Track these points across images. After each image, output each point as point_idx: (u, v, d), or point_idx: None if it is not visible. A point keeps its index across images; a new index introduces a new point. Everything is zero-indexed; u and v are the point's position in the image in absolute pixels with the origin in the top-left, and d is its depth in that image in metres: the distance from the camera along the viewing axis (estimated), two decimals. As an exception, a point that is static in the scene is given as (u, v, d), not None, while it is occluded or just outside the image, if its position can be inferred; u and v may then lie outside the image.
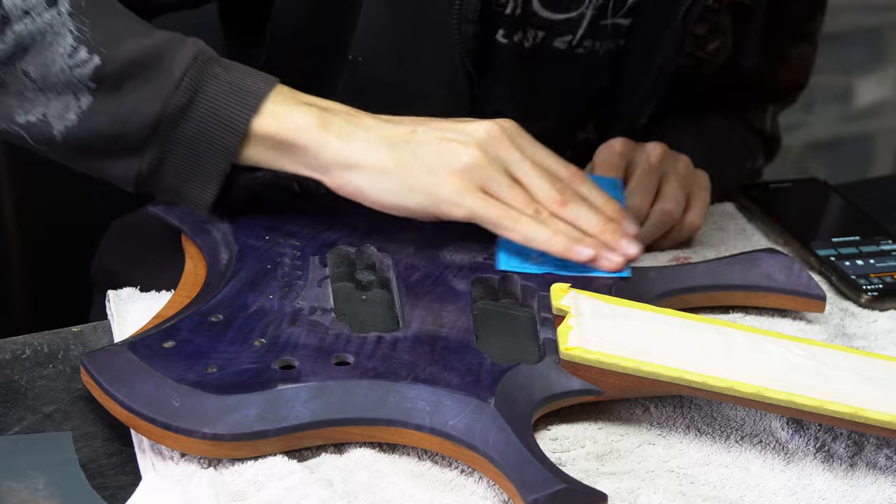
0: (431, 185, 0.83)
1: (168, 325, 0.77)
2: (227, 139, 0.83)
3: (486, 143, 0.84)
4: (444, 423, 0.72)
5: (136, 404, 0.72)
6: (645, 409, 0.80)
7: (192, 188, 0.85)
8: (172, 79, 0.82)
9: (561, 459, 0.75)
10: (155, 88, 0.82)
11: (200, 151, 0.83)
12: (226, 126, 0.83)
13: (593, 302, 0.81)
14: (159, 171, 0.84)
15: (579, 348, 0.76)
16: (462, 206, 0.83)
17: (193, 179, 0.84)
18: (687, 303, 0.89)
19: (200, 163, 0.84)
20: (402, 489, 0.71)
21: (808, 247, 0.99)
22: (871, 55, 2.31)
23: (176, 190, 0.85)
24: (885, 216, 1.05)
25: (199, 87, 0.83)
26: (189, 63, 0.83)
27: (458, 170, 0.83)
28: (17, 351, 0.84)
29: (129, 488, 0.72)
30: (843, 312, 0.92)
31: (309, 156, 0.83)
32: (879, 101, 2.33)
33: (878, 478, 0.75)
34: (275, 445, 0.72)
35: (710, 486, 0.74)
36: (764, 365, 0.77)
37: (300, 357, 0.75)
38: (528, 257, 0.86)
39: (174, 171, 0.84)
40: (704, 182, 1.00)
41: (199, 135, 0.83)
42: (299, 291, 0.81)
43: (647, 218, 0.96)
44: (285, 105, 0.83)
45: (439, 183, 0.82)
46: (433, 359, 0.76)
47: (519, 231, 0.83)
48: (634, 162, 0.98)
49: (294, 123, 0.83)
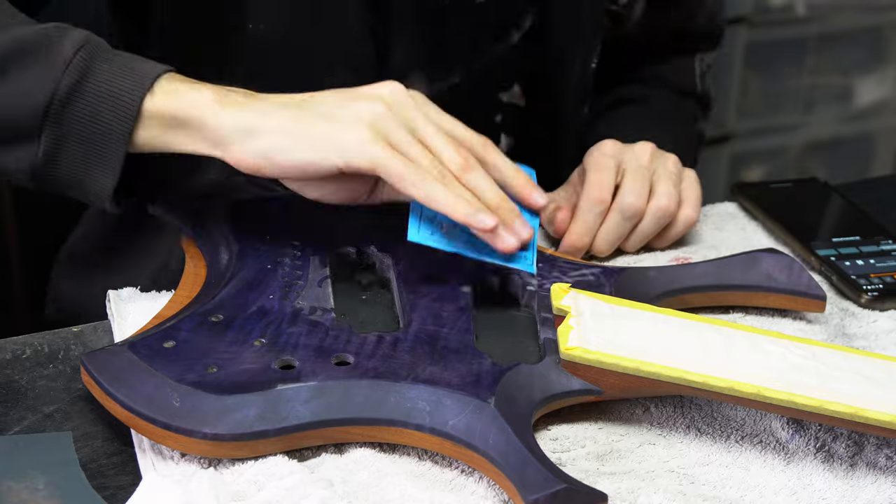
0: (334, 134, 0.79)
1: (168, 325, 0.77)
2: (119, 120, 0.80)
3: (391, 100, 0.82)
4: (445, 423, 0.72)
5: (137, 404, 0.72)
6: (645, 409, 0.80)
7: (91, 176, 0.82)
8: (62, 59, 0.80)
9: (561, 459, 0.75)
10: (43, 70, 0.80)
11: (94, 135, 0.81)
12: (118, 105, 0.80)
13: (593, 302, 0.81)
14: (55, 159, 0.81)
15: (579, 348, 0.76)
16: (366, 155, 0.79)
17: (91, 166, 0.82)
18: (687, 303, 0.89)
19: (95, 148, 0.81)
20: (402, 489, 0.71)
21: (808, 247, 0.99)
22: (871, 55, 2.31)
23: (76, 180, 0.82)
24: (885, 216, 1.05)
25: (89, 69, 0.81)
26: (78, 46, 0.81)
27: (363, 118, 0.80)
28: (17, 351, 0.84)
29: (129, 488, 0.72)
30: (843, 312, 0.92)
31: (206, 130, 0.80)
32: (879, 101, 2.33)
33: (878, 478, 0.75)
34: (275, 445, 0.72)
35: (711, 486, 0.74)
36: (764, 365, 0.77)
37: (300, 357, 0.75)
38: (440, 227, 0.84)
39: (70, 159, 0.82)
40: (694, 177, 1.01)
41: (91, 116, 0.80)
42: (299, 291, 0.81)
43: (644, 216, 0.96)
44: (179, 84, 0.81)
45: (342, 132, 0.80)
46: (433, 359, 0.76)
47: (423, 189, 0.80)
48: (625, 162, 0.98)
49: (188, 98, 0.81)
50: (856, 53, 2.29)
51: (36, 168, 0.82)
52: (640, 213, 0.96)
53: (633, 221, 0.96)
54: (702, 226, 1.04)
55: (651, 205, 0.96)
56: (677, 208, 0.98)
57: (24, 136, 0.81)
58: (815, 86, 2.28)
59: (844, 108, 2.32)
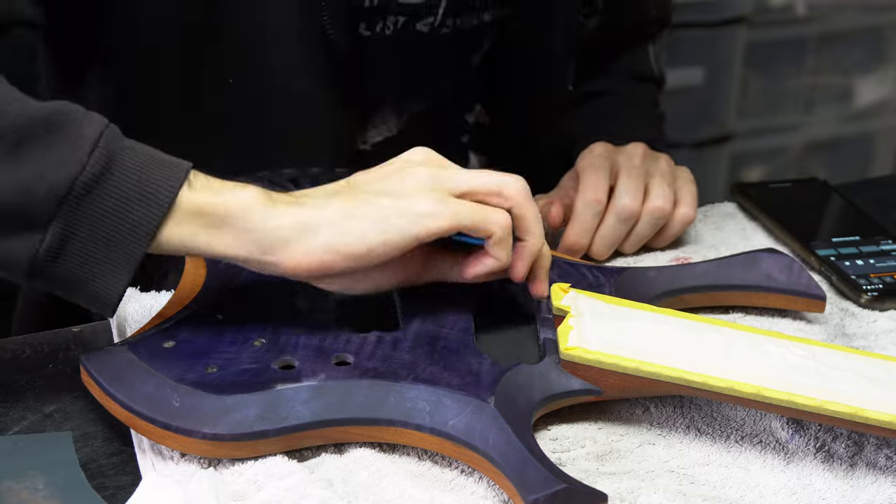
0: (402, 206, 0.74)
1: (168, 325, 0.77)
2: (150, 214, 0.71)
3: (425, 158, 0.78)
4: (444, 423, 0.72)
5: (136, 404, 0.72)
6: (645, 409, 0.80)
7: (100, 276, 0.72)
8: (86, 142, 0.71)
9: (561, 459, 0.75)
10: (65, 152, 0.70)
11: (115, 229, 0.71)
12: (150, 197, 0.71)
13: (593, 302, 0.81)
14: (61, 253, 0.71)
15: (579, 348, 0.76)
16: (444, 213, 0.75)
17: (102, 265, 0.72)
18: (687, 303, 0.89)
19: (113, 244, 0.71)
20: (402, 489, 0.71)
21: (808, 247, 0.99)
22: (871, 55, 2.31)
23: (79, 281, 0.72)
24: (885, 216, 1.05)
25: (115, 154, 0.72)
26: (101, 129, 0.72)
27: (421, 183, 0.76)
28: (17, 351, 0.84)
29: (129, 488, 0.72)
30: (843, 312, 0.93)
31: (256, 232, 0.73)
32: (879, 101, 2.33)
33: (878, 478, 0.75)
34: (275, 445, 0.72)
35: (710, 486, 0.74)
36: (764, 365, 0.77)
37: (300, 357, 0.75)
38: None
39: (78, 255, 0.71)
40: (688, 175, 1.01)
41: (116, 207, 0.71)
42: (299, 291, 0.81)
43: (640, 218, 0.96)
44: (214, 181, 0.74)
45: (410, 201, 0.75)
46: (433, 359, 0.76)
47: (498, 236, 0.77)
48: (618, 164, 0.98)
49: (236, 198, 0.73)
50: (856, 53, 2.29)
51: (35, 263, 0.71)
52: (636, 215, 0.96)
53: (629, 223, 0.96)
54: (701, 226, 1.04)
55: (647, 206, 0.97)
56: (673, 208, 0.98)
57: (28, 224, 0.71)
58: (815, 86, 2.28)
59: (844, 108, 2.32)
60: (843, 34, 2.24)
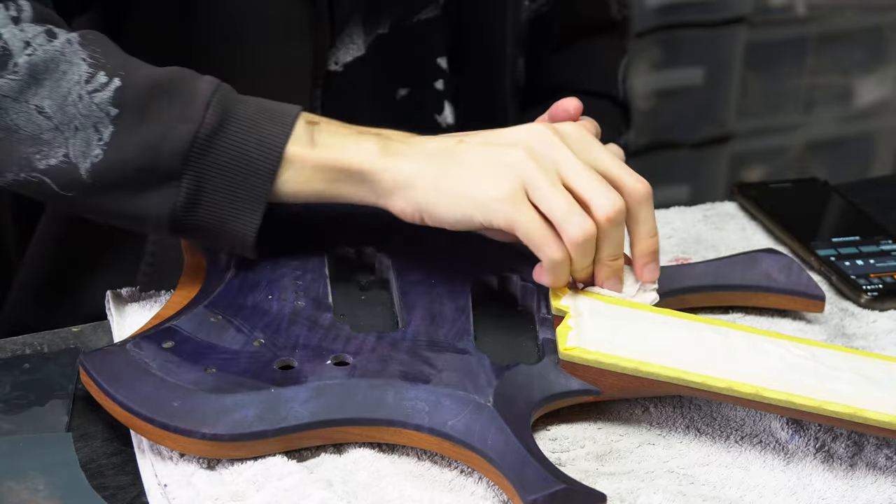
0: (475, 191, 0.78)
1: (168, 325, 0.77)
2: (266, 160, 0.79)
3: (533, 142, 0.79)
4: (444, 423, 0.72)
5: (135, 404, 0.72)
6: (645, 409, 0.80)
7: (236, 217, 0.80)
8: (201, 100, 0.79)
9: (560, 459, 0.75)
10: (183, 110, 0.79)
11: (240, 175, 0.79)
12: (263, 146, 0.79)
13: (592, 302, 0.81)
14: (198, 201, 0.79)
15: (578, 348, 0.76)
16: (502, 214, 0.77)
17: (236, 207, 0.80)
18: (687, 303, 0.89)
19: (242, 187, 0.79)
20: (402, 489, 0.71)
21: (808, 247, 0.99)
22: (871, 55, 2.31)
23: (218, 223, 0.80)
24: (885, 216, 1.05)
25: (228, 109, 0.79)
26: (214, 87, 0.80)
27: (504, 169, 0.78)
28: (17, 351, 0.84)
29: (128, 488, 0.72)
30: (843, 312, 0.92)
31: (372, 182, 0.80)
32: (879, 101, 2.33)
33: (878, 478, 0.75)
34: (274, 446, 0.72)
35: (710, 486, 0.74)
36: (763, 365, 0.77)
37: (299, 357, 0.75)
38: None
39: (214, 201, 0.80)
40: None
41: (236, 155, 0.79)
42: (298, 292, 0.81)
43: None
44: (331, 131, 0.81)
45: (483, 188, 0.77)
46: (432, 359, 0.76)
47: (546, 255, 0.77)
48: None
49: (354, 149, 0.80)
50: (856, 53, 2.29)
51: (176, 213, 0.79)
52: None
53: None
54: (701, 226, 1.04)
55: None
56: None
57: (164, 179, 0.79)
58: (815, 86, 2.28)
59: (844, 108, 2.32)
60: (843, 34, 2.24)
